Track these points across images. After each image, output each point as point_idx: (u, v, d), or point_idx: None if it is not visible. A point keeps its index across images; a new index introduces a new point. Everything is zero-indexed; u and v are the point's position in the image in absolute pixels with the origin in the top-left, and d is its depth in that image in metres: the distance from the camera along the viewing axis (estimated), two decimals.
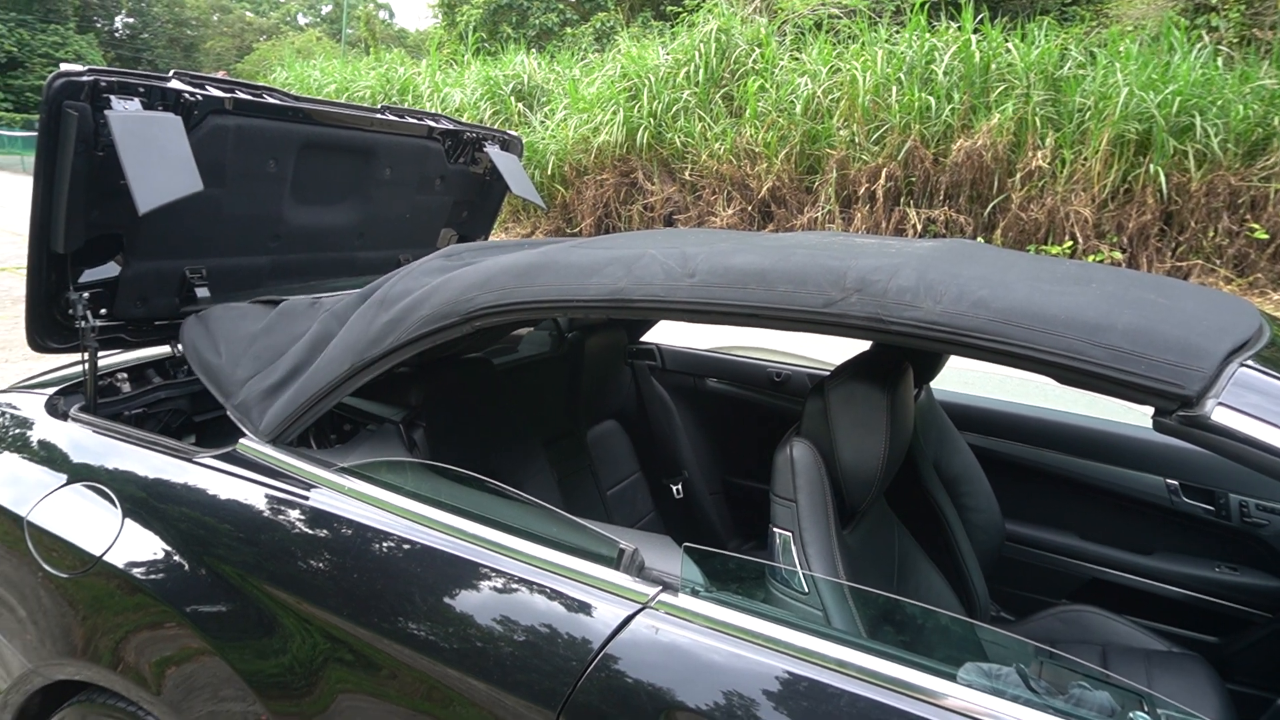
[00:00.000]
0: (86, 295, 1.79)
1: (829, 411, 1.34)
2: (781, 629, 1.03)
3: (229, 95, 1.81)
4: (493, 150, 2.52)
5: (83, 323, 1.76)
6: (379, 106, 2.24)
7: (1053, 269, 1.18)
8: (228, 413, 1.57)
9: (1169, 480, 2.08)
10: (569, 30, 19.76)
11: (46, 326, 1.79)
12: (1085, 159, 8.39)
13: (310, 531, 1.33)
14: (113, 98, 1.62)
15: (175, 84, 1.74)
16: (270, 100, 1.90)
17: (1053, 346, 0.94)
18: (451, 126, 2.41)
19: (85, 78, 1.58)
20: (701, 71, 10.85)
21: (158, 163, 1.63)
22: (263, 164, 1.96)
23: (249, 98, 1.86)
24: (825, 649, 1.00)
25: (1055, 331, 0.94)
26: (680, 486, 2.62)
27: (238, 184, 1.93)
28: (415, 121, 2.29)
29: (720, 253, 1.17)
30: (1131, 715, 0.94)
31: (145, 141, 1.62)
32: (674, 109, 10.89)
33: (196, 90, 1.77)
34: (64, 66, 1.58)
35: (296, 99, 1.97)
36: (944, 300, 1.00)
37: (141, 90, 1.68)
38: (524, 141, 3.29)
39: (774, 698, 0.98)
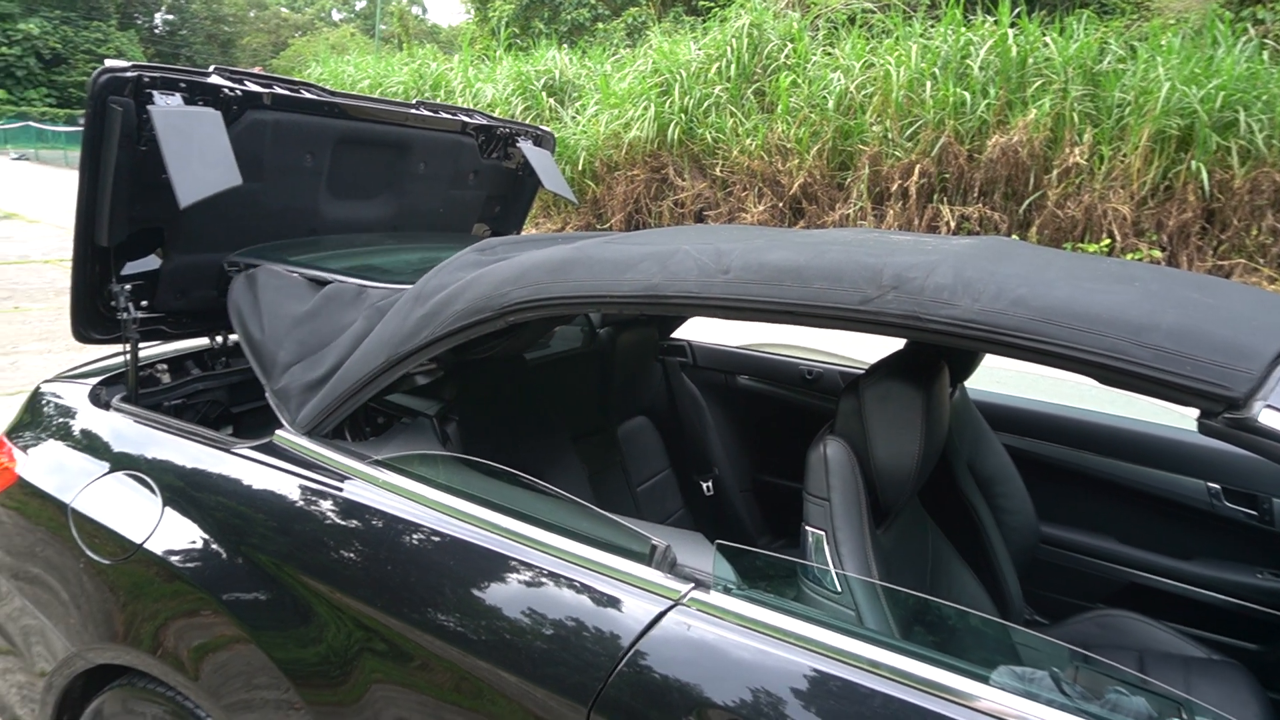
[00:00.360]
0: (129, 287, 1.82)
1: (864, 410, 1.33)
2: (814, 628, 1.02)
3: (267, 90, 1.84)
4: (525, 145, 2.53)
5: (125, 314, 1.79)
6: (414, 102, 2.25)
7: (1093, 267, 1.16)
8: (267, 396, 1.59)
9: (1210, 484, 2.04)
10: (601, 25, 19.76)
11: (90, 318, 1.84)
12: (1124, 155, 8.25)
13: (345, 523, 1.35)
14: (155, 93, 1.64)
15: (215, 79, 1.77)
16: (307, 95, 1.92)
17: (1095, 346, 0.92)
18: (485, 122, 2.42)
19: (129, 73, 1.61)
20: (733, 67, 10.79)
21: (198, 157, 1.65)
22: (300, 158, 1.99)
23: (287, 93, 1.88)
24: (858, 649, 0.99)
25: (1097, 331, 0.93)
26: (710, 483, 2.61)
27: (275, 178, 1.96)
28: (449, 117, 2.31)
29: (755, 249, 1.16)
30: None
31: (186, 136, 1.65)
32: (705, 104, 10.85)
33: (236, 85, 1.79)
34: (108, 62, 1.60)
35: (333, 94, 1.99)
36: (982, 298, 0.99)
37: (183, 85, 1.70)
38: (556, 137, 3.29)
39: (805, 697, 0.98)
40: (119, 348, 1.89)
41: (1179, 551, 2.09)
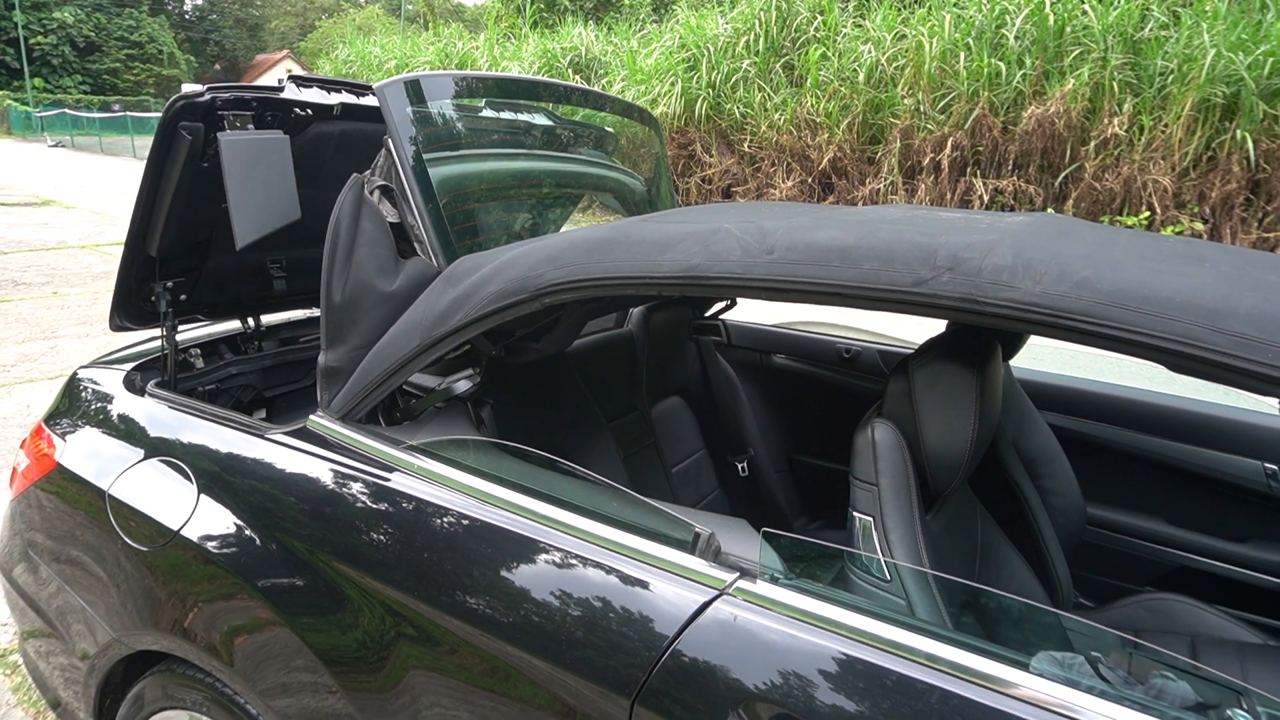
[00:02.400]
0: (170, 284, 1.86)
1: (914, 392, 1.28)
2: (866, 619, 0.98)
3: (337, 102, 1.83)
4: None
5: (164, 307, 1.84)
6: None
7: (1158, 246, 1.10)
8: (318, 367, 1.55)
9: (1267, 465, 1.97)
10: (627, 1, 19.56)
11: (129, 313, 1.88)
12: (1166, 125, 8.03)
13: (378, 508, 1.33)
14: (229, 114, 1.67)
15: (288, 93, 1.77)
16: (372, 103, 1.90)
17: (1167, 332, 0.87)
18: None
19: (203, 98, 1.63)
20: (761, 40, 10.64)
21: (260, 188, 1.68)
22: (357, 165, 1.98)
23: (354, 100, 1.88)
24: (912, 641, 0.95)
25: (1170, 316, 0.87)
26: (745, 464, 2.58)
27: (330, 183, 1.95)
28: None
29: (800, 227, 1.12)
30: (1230, 713, 0.88)
31: (251, 165, 1.67)
32: (733, 79, 10.73)
33: (307, 104, 1.81)
34: (185, 88, 1.63)
35: None
36: (1044, 280, 0.93)
37: (254, 104, 1.72)
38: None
39: (858, 692, 0.94)
40: (154, 332, 1.90)
41: (1232, 534, 2.02)
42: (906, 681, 0.93)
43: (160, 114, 1.63)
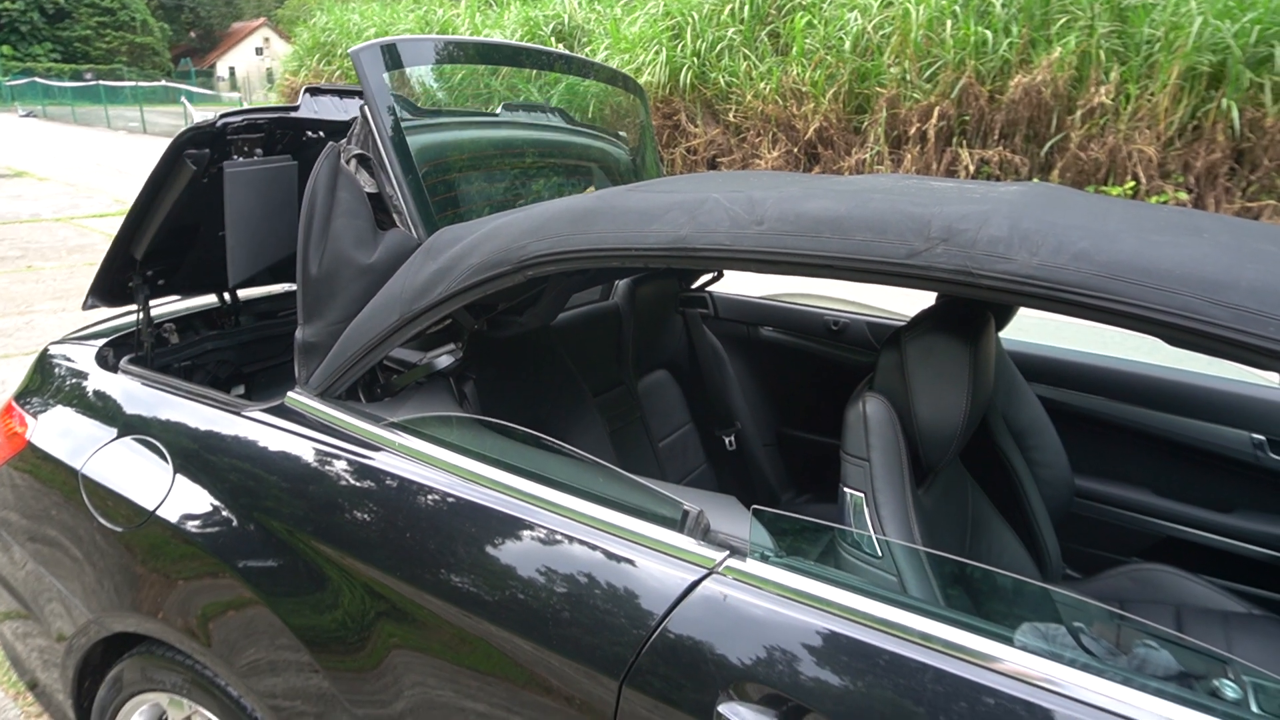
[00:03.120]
0: (150, 272, 1.85)
1: (906, 365, 1.26)
2: (858, 597, 0.97)
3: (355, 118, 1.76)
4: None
5: (142, 294, 1.84)
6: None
7: (1154, 216, 1.08)
8: (295, 338, 1.51)
9: (1254, 435, 1.97)
10: None
11: (106, 297, 1.86)
12: (1152, 94, 8.00)
13: (359, 487, 1.30)
14: (238, 139, 1.64)
15: (304, 111, 1.73)
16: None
17: (1166, 305, 0.84)
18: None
19: (215, 127, 1.60)
20: (747, 8, 10.50)
21: (262, 220, 1.67)
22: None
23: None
24: (905, 619, 0.94)
25: (1169, 288, 0.85)
26: (733, 438, 2.56)
27: None
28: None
29: (790, 197, 1.09)
30: (1216, 682, 0.87)
31: (254, 194, 1.66)
32: (718, 48, 10.59)
33: (320, 123, 1.78)
34: (196, 119, 1.58)
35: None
36: (1041, 252, 0.91)
37: (265, 127, 1.68)
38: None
39: (851, 670, 0.93)
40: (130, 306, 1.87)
41: (1219, 504, 2.03)
42: (899, 660, 0.91)
43: (136, 82, 1.58)
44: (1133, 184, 8.08)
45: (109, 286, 1.83)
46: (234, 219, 1.63)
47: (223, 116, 1.59)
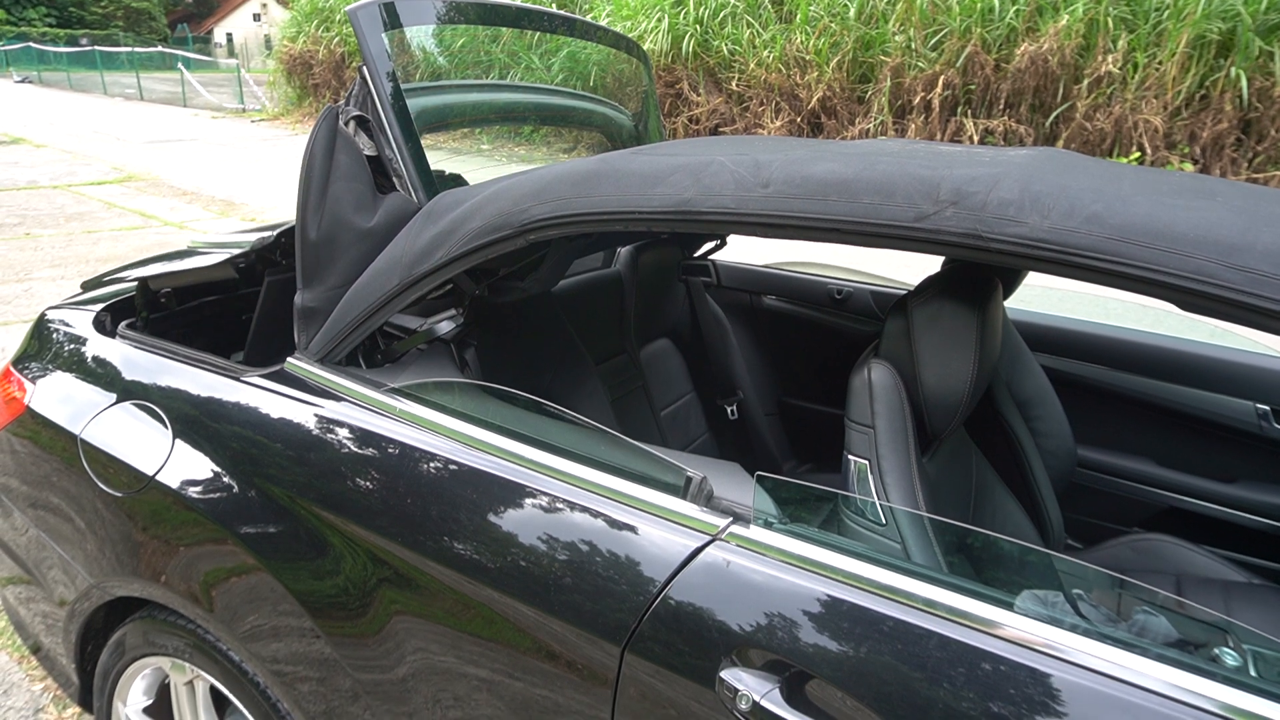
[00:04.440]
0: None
1: (912, 332, 1.24)
2: (862, 564, 0.96)
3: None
4: None
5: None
6: None
7: (1166, 181, 1.06)
8: (294, 307, 1.49)
9: (1259, 405, 1.96)
10: None
11: None
12: (1160, 63, 7.91)
13: (360, 453, 1.29)
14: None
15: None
16: None
17: (1179, 268, 0.83)
18: None
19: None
20: None
21: None
22: None
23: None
24: (909, 585, 0.93)
25: (1182, 252, 0.83)
26: (735, 407, 2.55)
27: None
28: None
29: (796, 160, 1.06)
30: (1217, 650, 0.87)
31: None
32: (721, 15, 10.46)
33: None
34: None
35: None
36: (1052, 215, 0.89)
37: None
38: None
39: (854, 637, 0.92)
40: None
41: (1222, 474, 2.02)
42: (904, 626, 0.91)
43: (132, 48, 1.54)
44: (1138, 154, 8.02)
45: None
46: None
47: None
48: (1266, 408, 1.95)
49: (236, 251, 1.65)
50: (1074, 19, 8.16)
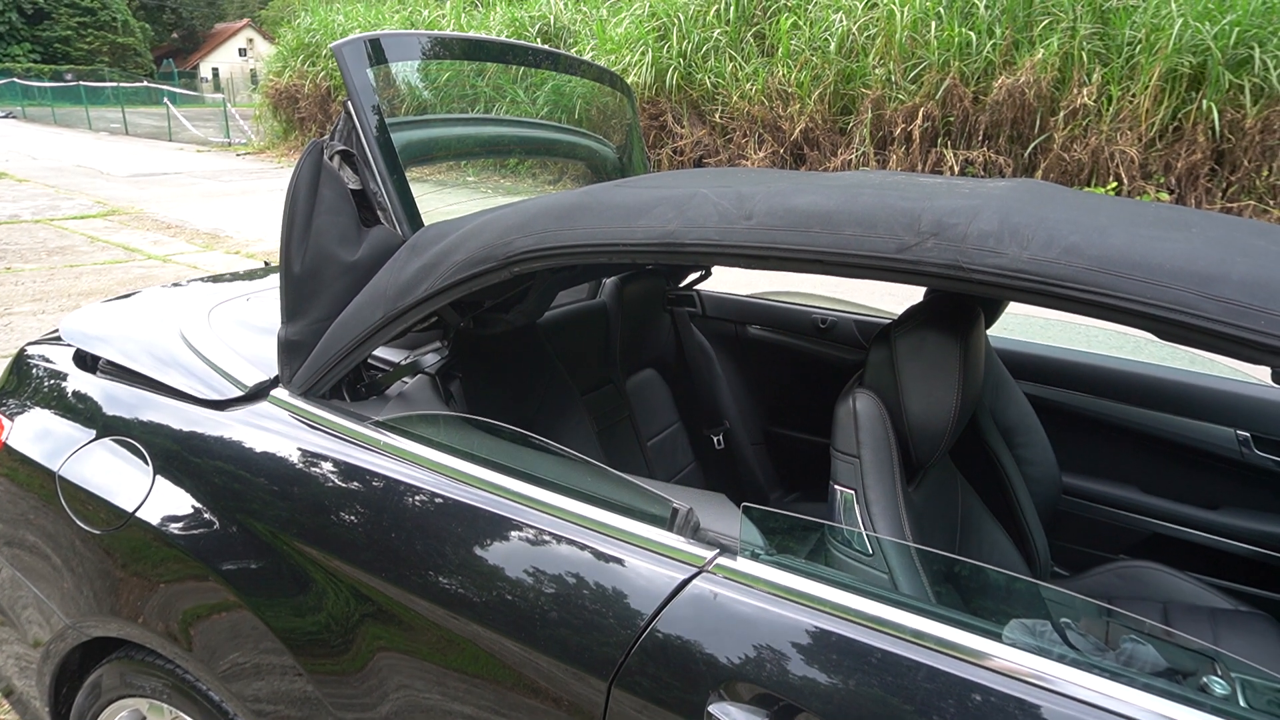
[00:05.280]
0: None
1: (896, 361, 1.25)
2: (849, 595, 0.96)
3: None
4: None
5: None
6: None
7: (1143, 212, 1.08)
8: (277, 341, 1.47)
9: (1240, 431, 1.97)
10: None
11: None
12: (1133, 95, 8.06)
13: (345, 487, 1.28)
14: None
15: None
16: None
17: (1157, 299, 0.84)
18: None
19: None
20: (733, 9, 10.52)
21: None
22: None
23: None
24: (897, 617, 0.93)
25: (1160, 282, 0.84)
26: (721, 437, 2.55)
27: None
28: None
29: (779, 192, 1.08)
30: (1205, 679, 0.87)
31: None
32: (704, 49, 10.61)
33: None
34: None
35: None
36: (1031, 246, 0.90)
37: None
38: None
39: (842, 669, 0.92)
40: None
41: (1205, 501, 2.03)
42: (890, 657, 0.90)
43: (118, 83, 1.53)
44: (1115, 184, 8.15)
45: None
46: None
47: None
48: (1247, 434, 1.97)
49: None
50: (1049, 53, 8.32)
